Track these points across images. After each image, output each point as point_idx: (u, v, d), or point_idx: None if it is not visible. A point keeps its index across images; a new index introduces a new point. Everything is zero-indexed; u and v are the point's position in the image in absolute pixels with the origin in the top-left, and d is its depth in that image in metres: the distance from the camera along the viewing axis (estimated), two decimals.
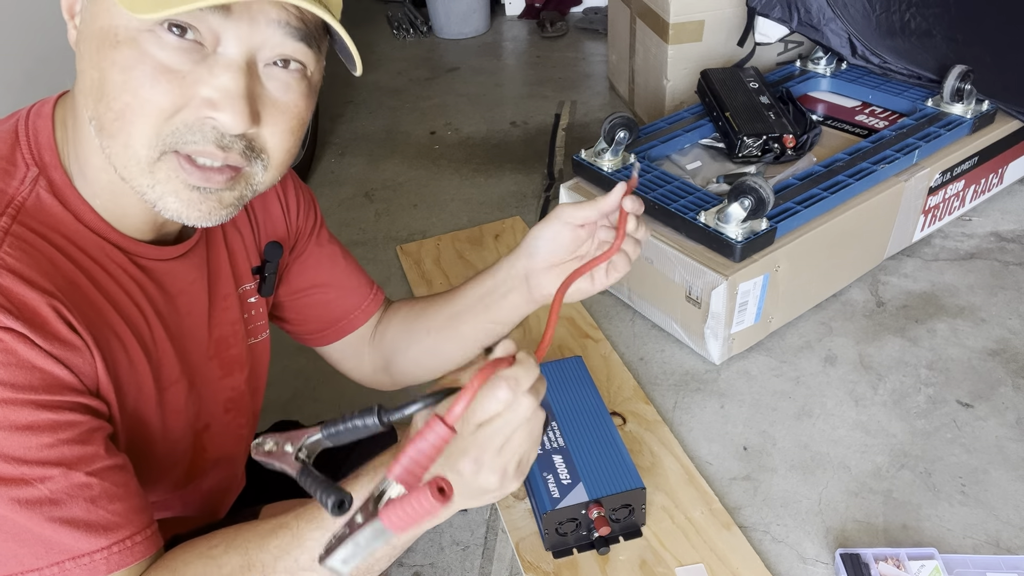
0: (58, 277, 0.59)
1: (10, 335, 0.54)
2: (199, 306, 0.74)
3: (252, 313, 0.84)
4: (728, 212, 1.35)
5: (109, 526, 0.58)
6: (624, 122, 1.57)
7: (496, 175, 2.22)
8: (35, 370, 0.55)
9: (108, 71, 0.55)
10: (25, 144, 0.62)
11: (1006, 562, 1.08)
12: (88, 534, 0.57)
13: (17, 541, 0.54)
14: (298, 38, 0.58)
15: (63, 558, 0.56)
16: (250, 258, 0.82)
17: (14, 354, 0.54)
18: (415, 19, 3.37)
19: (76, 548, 0.56)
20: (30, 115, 0.64)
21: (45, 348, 0.56)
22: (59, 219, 0.61)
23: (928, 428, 1.32)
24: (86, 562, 0.56)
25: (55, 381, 0.57)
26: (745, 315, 1.42)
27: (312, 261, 0.90)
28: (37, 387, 0.55)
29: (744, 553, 1.13)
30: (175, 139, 0.56)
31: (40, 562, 0.55)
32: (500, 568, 1.16)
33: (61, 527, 0.55)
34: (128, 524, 0.59)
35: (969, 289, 1.62)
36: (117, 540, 0.58)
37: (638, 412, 1.38)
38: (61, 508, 0.56)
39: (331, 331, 0.94)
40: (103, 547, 0.57)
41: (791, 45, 2.16)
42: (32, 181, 0.61)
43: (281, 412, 1.42)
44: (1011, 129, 1.72)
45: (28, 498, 0.54)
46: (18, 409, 0.54)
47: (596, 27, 3.18)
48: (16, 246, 0.57)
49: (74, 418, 0.57)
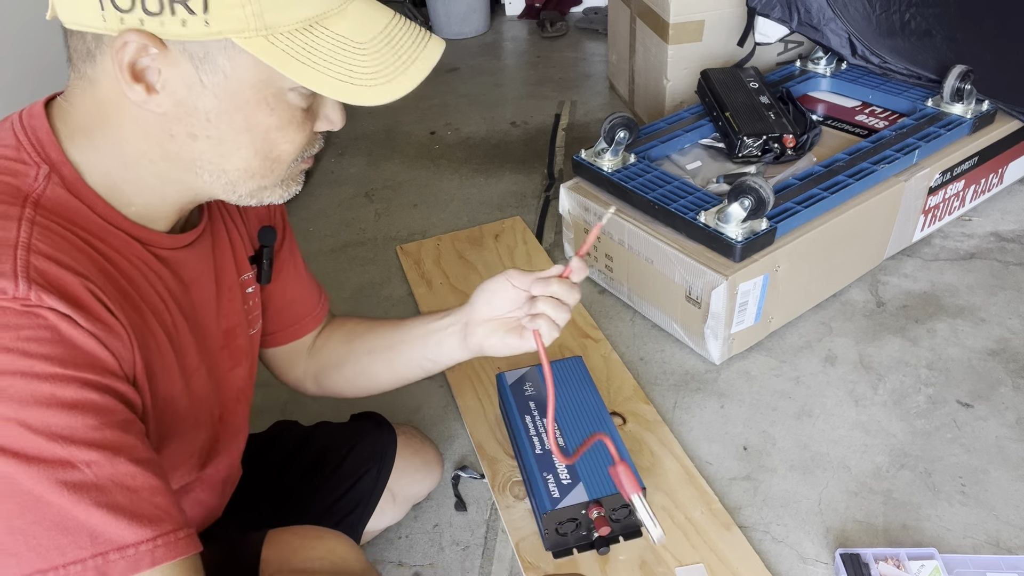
0: (88, 264, 0.59)
1: (53, 314, 0.53)
2: (210, 296, 0.75)
3: (250, 303, 0.84)
4: (728, 212, 1.35)
5: (153, 518, 0.55)
6: (624, 122, 1.57)
7: (496, 175, 2.22)
8: (79, 349, 0.54)
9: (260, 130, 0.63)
10: (28, 144, 0.62)
11: (1006, 562, 1.08)
12: (133, 524, 0.54)
13: (60, 529, 0.51)
14: None
15: (107, 548, 0.53)
16: (246, 247, 0.83)
17: (57, 331, 0.53)
18: (415, 19, 3.36)
19: (121, 538, 0.53)
20: (22, 118, 0.64)
21: (88, 328, 0.55)
22: (76, 212, 0.61)
23: (928, 428, 1.32)
24: (131, 553, 0.53)
25: (99, 362, 0.56)
26: (745, 315, 1.42)
27: (281, 259, 0.91)
28: (82, 365, 0.54)
29: (744, 553, 1.13)
30: (304, 155, 0.68)
31: (84, 552, 0.52)
32: (500, 568, 1.16)
33: (107, 514, 0.53)
34: (171, 519, 0.57)
35: (969, 289, 1.62)
36: (162, 533, 0.55)
37: (638, 412, 1.38)
38: (106, 495, 0.53)
39: (281, 334, 0.96)
40: (148, 538, 0.54)
41: (791, 45, 2.16)
42: (45, 177, 0.61)
43: (280, 413, 1.42)
44: (1011, 129, 1.72)
45: (74, 481, 0.52)
46: (65, 385, 0.53)
47: (596, 27, 3.18)
48: (44, 235, 0.57)
49: (116, 405, 0.56)
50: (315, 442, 1.10)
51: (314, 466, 1.07)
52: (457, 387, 1.47)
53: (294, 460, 1.07)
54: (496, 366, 1.49)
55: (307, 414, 1.22)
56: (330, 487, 1.06)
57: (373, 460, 1.10)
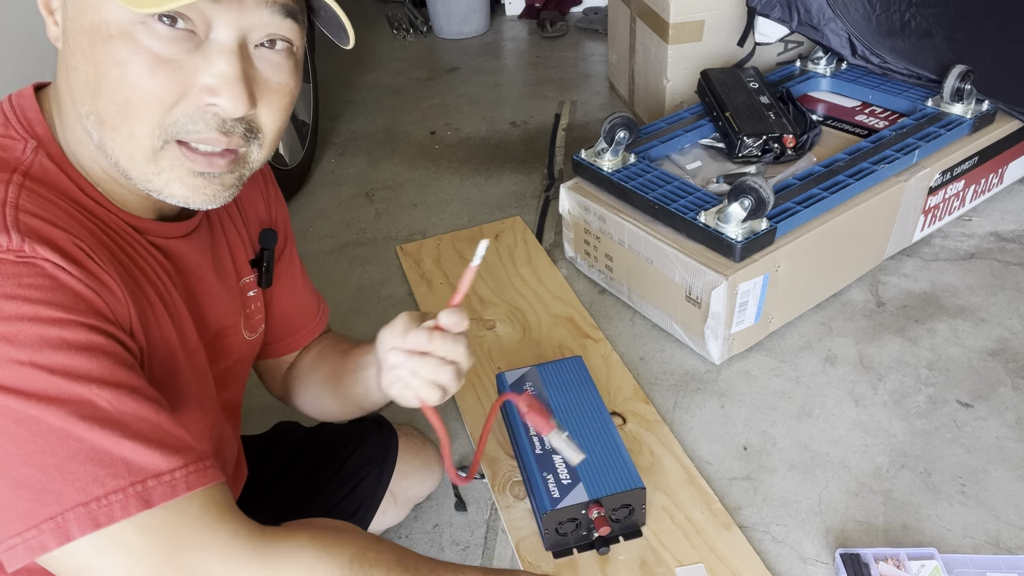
0: (77, 226, 0.58)
1: (49, 264, 0.53)
2: (205, 290, 0.75)
3: (252, 308, 0.84)
4: (728, 212, 1.35)
5: (179, 448, 0.56)
6: (624, 122, 1.57)
7: (496, 175, 2.22)
8: (79, 296, 0.54)
9: (104, 66, 0.56)
10: (16, 121, 0.62)
11: (1006, 562, 1.08)
12: (164, 453, 0.54)
13: (95, 462, 0.52)
14: (285, 14, 0.59)
15: (144, 476, 0.53)
16: (247, 250, 0.83)
17: (57, 279, 0.53)
18: (415, 19, 3.37)
19: (155, 466, 0.54)
20: (11, 99, 0.64)
21: (83, 279, 0.55)
22: (66, 186, 0.61)
23: (928, 428, 1.32)
24: (167, 479, 0.54)
25: (98, 309, 0.55)
26: (745, 315, 1.43)
27: (279, 270, 0.90)
28: (84, 311, 0.54)
29: (744, 553, 1.13)
30: (177, 129, 0.57)
31: (122, 481, 0.52)
32: (500, 568, 1.16)
33: (138, 444, 0.53)
34: (194, 450, 0.57)
35: (969, 289, 1.62)
36: (191, 460, 0.56)
37: (638, 412, 1.38)
38: (132, 428, 0.54)
39: (276, 346, 0.94)
40: (180, 465, 0.55)
41: (791, 45, 2.16)
42: (33, 151, 0.61)
43: (281, 413, 1.42)
44: (1011, 129, 1.72)
45: (100, 416, 0.52)
46: (73, 328, 0.53)
47: (596, 27, 3.18)
48: (32, 197, 0.57)
49: (119, 349, 0.56)
50: (317, 444, 1.10)
51: (316, 468, 1.07)
52: None
53: (296, 462, 1.07)
54: (496, 366, 1.49)
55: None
56: (332, 489, 1.06)
57: (375, 462, 1.10)
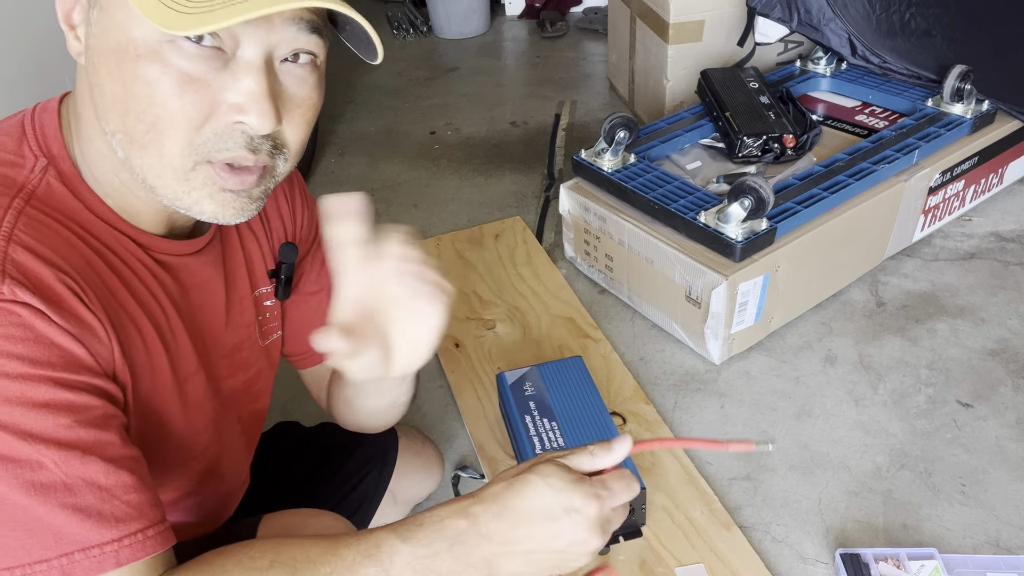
0: (74, 257, 0.58)
1: (27, 310, 0.53)
2: (215, 304, 0.74)
3: (267, 315, 0.83)
4: (728, 212, 1.35)
5: (122, 517, 0.55)
6: (624, 122, 1.57)
7: (496, 175, 2.22)
8: (53, 347, 0.54)
9: (132, 85, 0.56)
10: (32, 137, 0.62)
11: (1006, 562, 1.09)
12: (99, 524, 0.54)
13: (26, 530, 0.52)
14: (311, 30, 0.59)
15: (73, 548, 0.53)
16: (266, 261, 0.82)
17: (31, 329, 0.53)
18: (415, 19, 3.37)
19: (86, 539, 0.53)
20: (36, 111, 0.64)
21: (62, 325, 0.54)
22: (71, 207, 0.61)
23: (928, 428, 1.32)
24: (95, 554, 0.54)
25: (73, 360, 0.55)
26: (745, 315, 1.43)
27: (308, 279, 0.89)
28: (56, 364, 0.54)
29: (744, 553, 1.13)
30: (208, 148, 0.58)
31: (49, 552, 0.52)
32: None
33: (73, 515, 0.53)
34: (141, 517, 0.57)
35: (969, 289, 1.62)
36: (128, 533, 0.55)
37: (638, 412, 1.38)
38: (75, 495, 0.53)
39: (305, 357, 0.93)
40: (114, 539, 0.55)
41: (791, 45, 2.16)
42: (42, 170, 0.60)
43: (281, 413, 1.42)
44: (1011, 129, 1.72)
45: (43, 482, 0.52)
46: (36, 385, 0.52)
47: (596, 27, 3.18)
48: (30, 225, 0.56)
49: (92, 401, 0.56)
50: (317, 444, 1.10)
51: (316, 468, 1.07)
52: (457, 387, 1.47)
53: (296, 462, 1.07)
54: (496, 366, 1.50)
55: (308, 414, 1.22)
56: (332, 489, 1.06)
57: (375, 461, 1.10)
